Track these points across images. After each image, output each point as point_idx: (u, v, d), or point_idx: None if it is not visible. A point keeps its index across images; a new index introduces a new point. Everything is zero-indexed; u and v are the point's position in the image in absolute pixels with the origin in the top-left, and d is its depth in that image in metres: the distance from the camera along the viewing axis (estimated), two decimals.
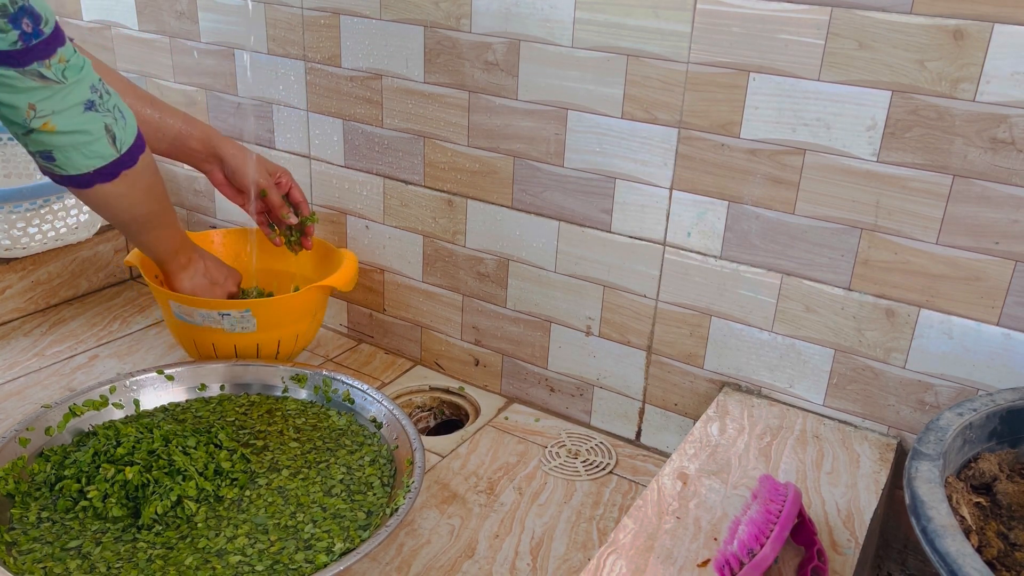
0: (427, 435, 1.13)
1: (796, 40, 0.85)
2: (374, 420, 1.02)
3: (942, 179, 0.82)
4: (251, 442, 0.98)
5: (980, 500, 0.70)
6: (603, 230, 1.03)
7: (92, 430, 0.97)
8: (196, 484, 0.88)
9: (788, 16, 0.84)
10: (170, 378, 1.06)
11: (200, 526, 0.85)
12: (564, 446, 1.08)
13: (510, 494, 0.98)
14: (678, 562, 0.75)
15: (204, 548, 0.82)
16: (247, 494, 0.90)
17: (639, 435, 1.10)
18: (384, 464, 0.96)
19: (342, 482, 0.92)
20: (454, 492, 0.98)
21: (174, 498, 0.86)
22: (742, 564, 0.68)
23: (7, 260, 1.27)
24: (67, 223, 1.28)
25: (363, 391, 1.04)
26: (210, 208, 1.42)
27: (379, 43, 1.11)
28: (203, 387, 1.07)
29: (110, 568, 0.80)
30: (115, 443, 0.91)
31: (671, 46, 0.91)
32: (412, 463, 0.91)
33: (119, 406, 1.02)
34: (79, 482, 0.88)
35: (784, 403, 0.99)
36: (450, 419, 1.20)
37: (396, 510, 0.84)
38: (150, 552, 0.81)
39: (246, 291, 1.24)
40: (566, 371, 1.13)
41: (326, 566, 0.79)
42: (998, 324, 0.84)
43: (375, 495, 0.91)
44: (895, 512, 0.96)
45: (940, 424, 0.71)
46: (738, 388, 1.01)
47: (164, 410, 1.03)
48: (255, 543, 0.83)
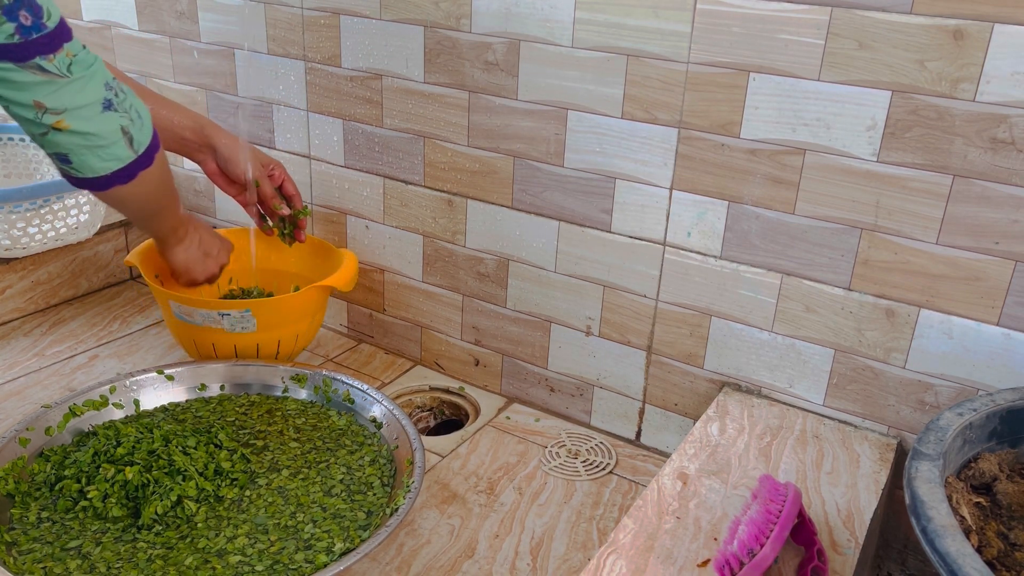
0: (427, 435, 1.13)
1: (796, 40, 0.85)
2: (374, 420, 1.02)
3: (942, 179, 0.82)
4: (251, 442, 0.98)
5: (980, 500, 0.70)
6: (603, 230, 1.03)
7: (92, 430, 0.97)
8: (196, 484, 0.87)
9: (788, 16, 0.84)
10: (170, 378, 1.06)
11: (200, 526, 0.85)
12: (564, 446, 1.08)
13: (510, 494, 0.98)
14: (678, 562, 0.75)
15: (204, 548, 0.82)
16: (247, 494, 0.90)
17: (639, 435, 1.10)
18: (384, 464, 0.96)
19: (342, 482, 0.92)
20: (454, 492, 0.98)
21: (174, 498, 0.86)
22: (742, 564, 0.68)
23: (7, 260, 1.27)
24: (67, 223, 1.28)
25: (363, 391, 1.04)
26: (210, 208, 1.42)
27: (379, 43, 1.11)
28: (203, 387, 1.07)
29: (110, 568, 0.80)
30: (115, 443, 0.91)
31: (671, 46, 0.91)
32: (412, 463, 0.91)
33: (119, 406, 1.02)
34: (79, 482, 0.88)
35: (784, 403, 0.99)
36: (450, 419, 1.20)
37: (396, 510, 0.84)
38: (150, 552, 0.81)
39: (246, 291, 1.24)
40: (566, 371, 1.13)
41: (326, 566, 0.79)
42: (998, 324, 0.84)
43: (375, 495, 0.91)
44: (895, 512, 0.96)
45: (940, 424, 0.71)
46: (738, 388, 1.01)
47: (164, 410, 1.03)
48: (255, 543, 0.83)
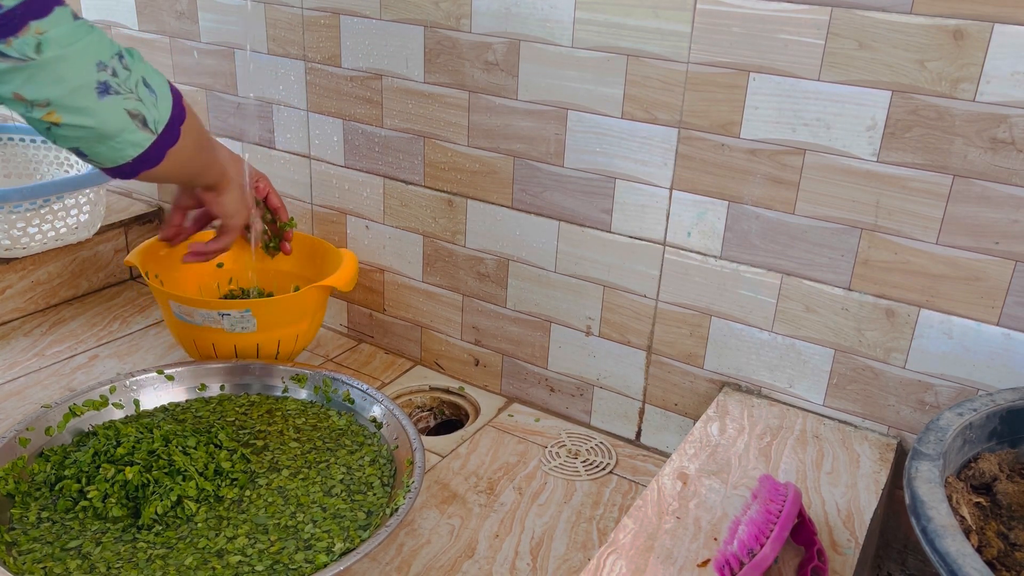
0: (427, 435, 1.13)
1: (796, 40, 0.85)
2: (374, 420, 1.02)
3: (942, 179, 0.82)
4: (251, 442, 0.98)
5: (980, 500, 0.70)
6: (603, 230, 1.03)
7: (92, 430, 0.97)
8: (196, 484, 0.87)
9: (788, 16, 0.84)
10: (170, 378, 1.06)
11: (200, 526, 0.85)
12: (564, 446, 1.08)
13: (510, 494, 0.98)
14: (678, 562, 0.75)
15: (204, 548, 0.82)
16: (247, 494, 0.90)
17: (639, 435, 1.10)
18: (384, 464, 0.96)
19: (342, 482, 0.92)
20: (454, 492, 0.98)
21: (174, 498, 0.86)
22: (742, 564, 0.68)
23: (7, 260, 1.27)
24: (67, 223, 1.28)
25: (363, 391, 1.04)
26: None
27: (379, 43, 1.11)
28: (203, 387, 1.07)
29: (110, 568, 0.80)
30: (115, 443, 0.91)
31: (671, 46, 0.91)
32: (412, 463, 0.91)
33: (119, 406, 1.02)
34: (79, 482, 0.88)
35: (784, 403, 0.99)
36: (450, 419, 1.20)
37: (396, 510, 0.84)
38: (150, 552, 0.81)
39: (246, 291, 1.24)
40: (566, 371, 1.13)
41: (326, 566, 0.79)
42: (998, 324, 0.84)
43: (375, 495, 0.91)
44: (895, 512, 0.96)
45: (940, 424, 0.71)
46: (738, 388, 1.01)
47: (164, 410, 1.03)
48: (255, 543, 0.83)
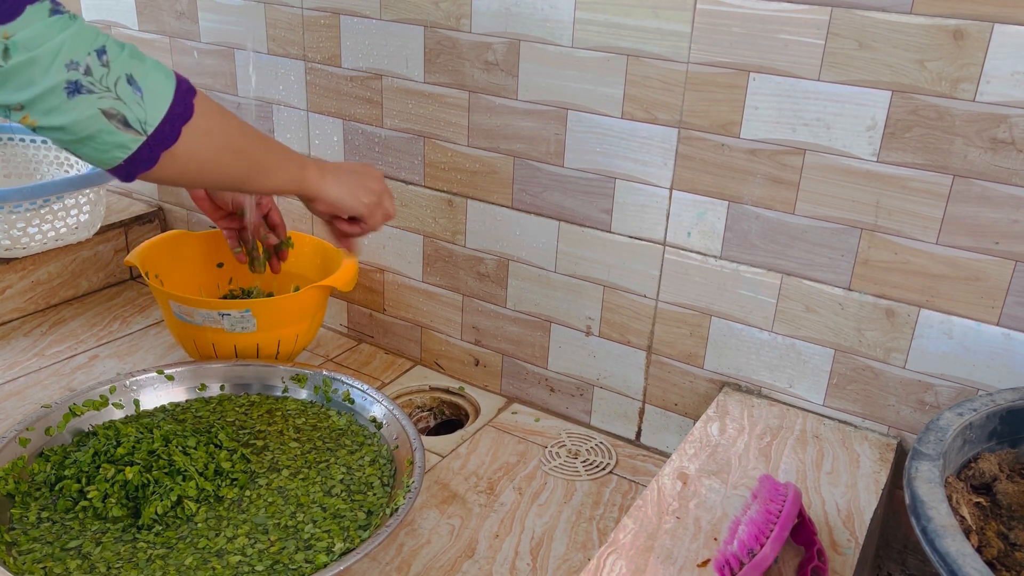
0: (427, 435, 1.13)
1: (796, 40, 0.85)
2: (374, 420, 1.02)
3: (942, 179, 0.82)
4: (251, 442, 0.98)
5: (980, 500, 0.70)
6: (603, 230, 1.03)
7: (92, 430, 0.97)
8: (196, 484, 0.87)
9: (788, 16, 0.84)
10: (170, 378, 1.06)
11: (200, 526, 0.85)
12: (564, 446, 1.08)
13: (510, 494, 0.98)
14: (678, 562, 0.75)
15: (204, 548, 0.82)
16: (247, 494, 0.90)
17: (639, 435, 1.10)
18: (384, 464, 0.96)
19: (342, 482, 0.92)
20: (454, 492, 0.98)
21: (174, 498, 0.86)
22: (742, 564, 0.68)
23: (7, 260, 1.27)
24: (67, 223, 1.28)
25: (363, 391, 1.04)
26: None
27: (379, 43, 1.11)
28: (203, 387, 1.07)
29: (110, 568, 0.80)
30: (115, 443, 0.91)
31: (671, 46, 0.91)
32: (412, 463, 0.91)
33: (119, 406, 1.02)
34: (79, 482, 0.88)
35: (784, 403, 0.99)
36: (450, 419, 1.20)
37: (396, 510, 0.84)
38: (150, 552, 0.81)
39: (246, 291, 1.24)
40: (566, 371, 1.13)
41: (326, 566, 0.79)
42: (998, 324, 0.84)
43: (375, 495, 0.91)
44: (895, 512, 0.96)
45: (940, 424, 0.71)
46: (738, 388, 1.01)
47: (164, 410, 1.03)
48: (255, 543, 0.83)
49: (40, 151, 1.44)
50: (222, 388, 1.08)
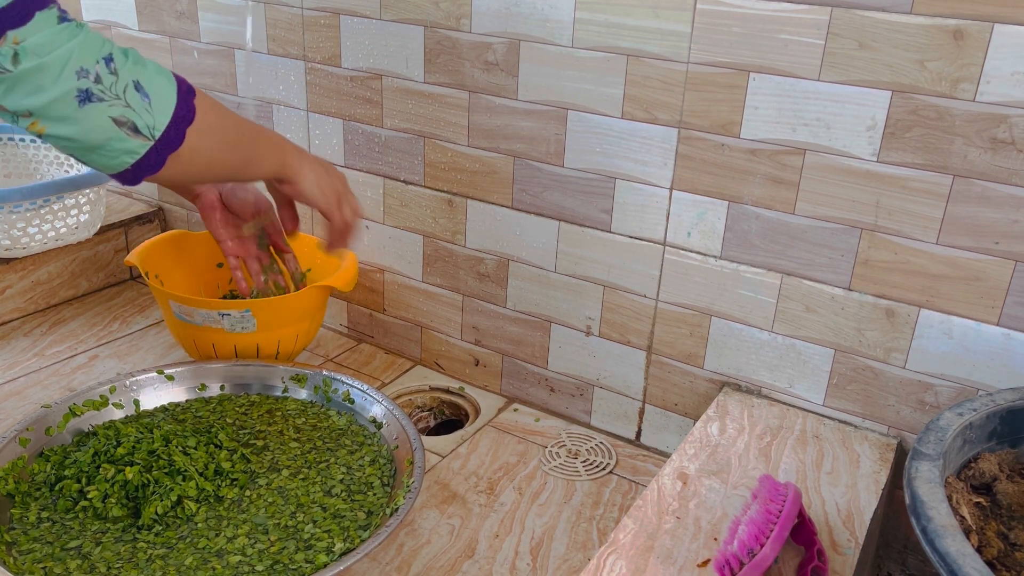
0: (427, 435, 1.13)
1: (796, 40, 0.85)
2: (374, 420, 1.02)
3: (942, 179, 0.82)
4: (251, 442, 0.98)
5: (980, 500, 0.70)
6: (603, 230, 1.03)
7: (92, 430, 0.97)
8: (196, 484, 0.87)
9: (788, 16, 0.84)
10: (170, 378, 1.06)
11: (200, 526, 0.85)
12: (564, 446, 1.08)
13: (510, 494, 0.98)
14: (678, 562, 0.75)
15: (204, 548, 0.82)
16: (247, 494, 0.90)
17: (639, 435, 1.10)
18: (384, 464, 0.96)
19: (342, 482, 0.92)
20: (454, 492, 0.98)
21: (174, 498, 0.86)
22: (742, 564, 0.68)
23: (7, 260, 1.27)
24: (67, 223, 1.28)
25: (363, 391, 1.04)
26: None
27: (379, 43, 1.11)
28: (203, 387, 1.07)
29: (110, 568, 0.80)
30: (115, 443, 0.91)
31: (671, 46, 0.91)
32: (412, 463, 0.91)
33: (119, 406, 1.02)
34: (79, 482, 0.88)
35: (784, 403, 0.99)
36: (450, 419, 1.20)
37: (396, 510, 0.84)
38: (150, 552, 0.81)
39: None
40: (566, 371, 1.13)
41: (326, 566, 0.79)
42: (998, 324, 0.84)
43: (375, 495, 0.91)
44: (895, 512, 0.96)
45: (940, 424, 0.71)
46: (738, 388, 1.01)
47: (164, 410, 1.03)
48: (255, 543, 0.83)
49: (40, 151, 1.44)
50: (222, 388, 1.08)
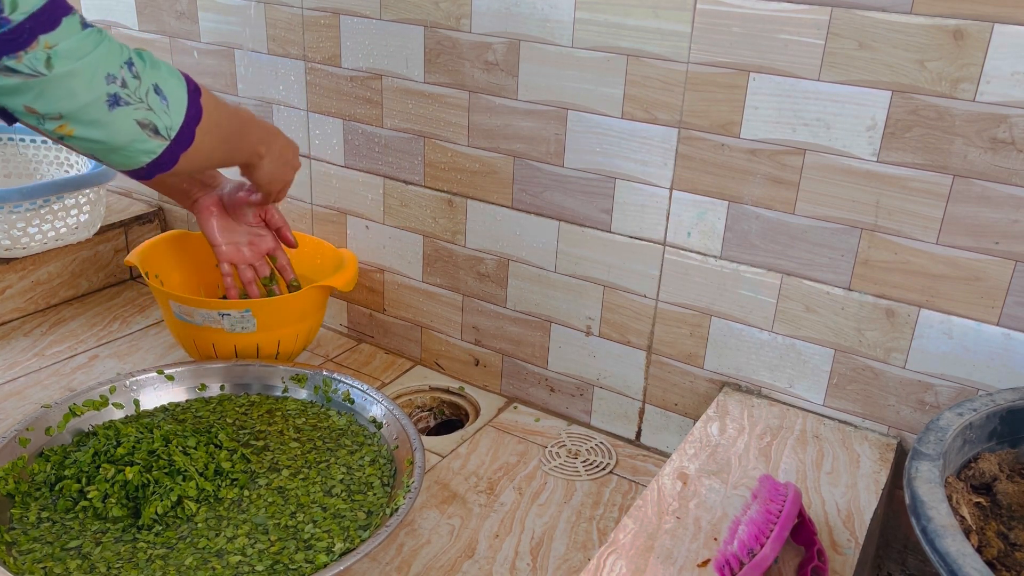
0: (427, 435, 1.13)
1: (796, 40, 0.85)
2: (374, 420, 1.02)
3: (942, 179, 0.82)
4: (251, 442, 0.98)
5: (980, 500, 0.70)
6: (603, 230, 1.03)
7: (92, 430, 0.97)
8: (196, 484, 0.87)
9: (788, 16, 0.84)
10: (170, 378, 1.06)
11: (200, 526, 0.85)
12: (564, 446, 1.08)
13: (510, 494, 0.98)
14: (678, 562, 0.75)
15: (204, 548, 0.82)
16: (247, 494, 0.90)
17: (639, 435, 1.10)
18: (384, 464, 0.96)
19: (342, 482, 0.92)
20: (454, 492, 0.98)
21: (174, 498, 0.86)
22: (742, 564, 0.68)
23: (7, 260, 1.27)
24: (67, 223, 1.28)
25: (363, 391, 1.04)
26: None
27: (379, 43, 1.11)
28: (203, 387, 1.07)
29: (110, 568, 0.80)
30: (115, 443, 0.91)
31: (671, 46, 0.91)
32: (412, 463, 0.91)
33: (119, 406, 1.02)
34: (79, 482, 0.88)
35: (784, 403, 0.99)
36: (450, 419, 1.20)
37: (396, 510, 0.84)
38: (150, 552, 0.82)
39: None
40: (566, 371, 1.13)
41: (326, 566, 0.79)
42: (998, 324, 0.84)
43: (375, 495, 0.91)
44: (895, 512, 0.96)
45: (940, 424, 0.71)
46: (738, 388, 1.01)
47: (164, 410, 1.03)
48: (255, 543, 0.83)
49: (40, 151, 1.44)
50: (222, 388, 1.08)
